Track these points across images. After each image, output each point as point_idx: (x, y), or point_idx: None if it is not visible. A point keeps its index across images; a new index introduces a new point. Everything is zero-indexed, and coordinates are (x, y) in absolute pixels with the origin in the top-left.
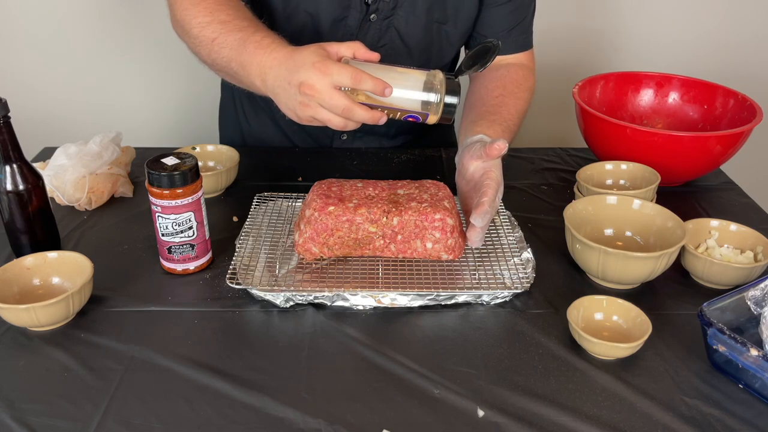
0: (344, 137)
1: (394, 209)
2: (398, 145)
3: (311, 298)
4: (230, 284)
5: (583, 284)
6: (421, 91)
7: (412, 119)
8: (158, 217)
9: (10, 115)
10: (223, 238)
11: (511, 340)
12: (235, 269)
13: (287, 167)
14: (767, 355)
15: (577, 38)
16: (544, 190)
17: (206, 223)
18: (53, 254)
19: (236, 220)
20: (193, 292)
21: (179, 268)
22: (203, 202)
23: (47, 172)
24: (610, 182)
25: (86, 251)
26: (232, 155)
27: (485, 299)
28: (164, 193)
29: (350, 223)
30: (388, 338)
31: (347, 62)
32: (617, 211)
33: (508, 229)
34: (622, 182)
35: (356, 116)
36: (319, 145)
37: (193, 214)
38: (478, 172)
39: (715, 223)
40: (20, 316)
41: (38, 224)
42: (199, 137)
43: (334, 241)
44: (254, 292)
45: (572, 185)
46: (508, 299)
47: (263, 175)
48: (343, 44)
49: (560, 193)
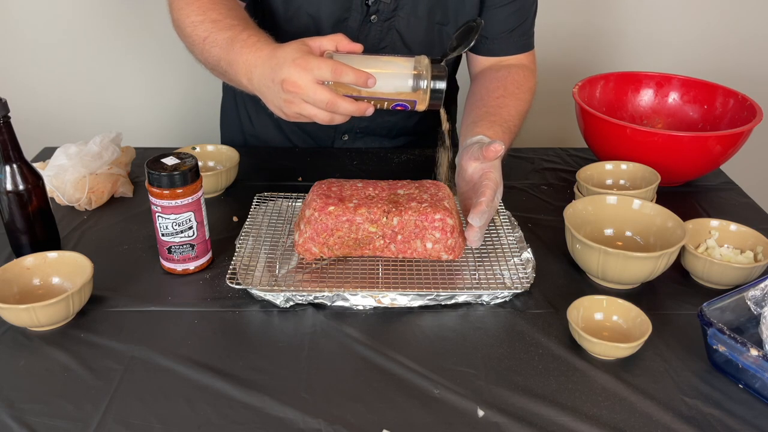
0: (345, 137)
1: (394, 209)
2: (399, 145)
3: (311, 298)
4: (230, 284)
5: (583, 284)
6: (406, 78)
7: (400, 107)
8: (158, 217)
9: (10, 115)
10: (223, 238)
11: (511, 340)
12: (235, 269)
13: (287, 167)
14: (767, 355)
15: (577, 38)
16: (544, 190)
17: (206, 223)
18: (53, 254)
19: (236, 220)
20: (193, 292)
21: (179, 268)
22: (203, 202)
23: (47, 172)
24: (610, 182)
25: (86, 251)
26: (232, 155)
27: (485, 299)
28: (164, 193)
29: (350, 223)
30: (388, 338)
31: (330, 56)
32: (617, 211)
33: (508, 229)
34: (622, 182)
35: (341, 109)
36: (319, 145)
37: (193, 214)
38: (477, 173)
39: (715, 223)
40: (20, 316)
41: (38, 224)
42: (199, 137)
43: (334, 241)
44: (254, 292)
45: (572, 185)
46: (508, 299)
47: (263, 175)
48: (325, 38)
49: (560, 193)
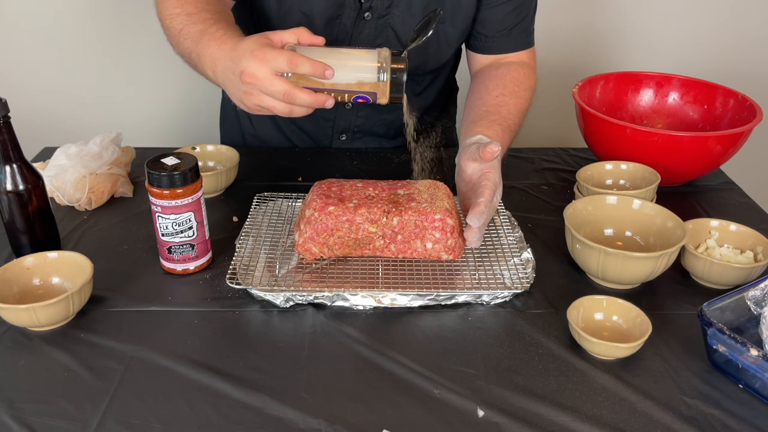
0: (343, 137)
1: (394, 209)
2: (398, 145)
3: (311, 298)
4: (230, 284)
5: (583, 284)
6: (365, 70)
7: (362, 100)
8: (158, 217)
9: (10, 115)
10: (223, 238)
11: (511, 340)
12: (235, 269)
13: (287, 167)
14: (767, 355)
15: (577, 38)
16: (544, 190)
17: (206, 223)
18: (53, 254)
19: (236, 220)
20: (193, 292)
21: (179, 268)
22: (203, 202)
23: (47, 172)
24: (610, 182)
25: (86, 251)
26: (232, 155)
27: (485, 299)
28: (164, 193)
29: (350, 223)
30: (388, 338)
31: (292, 48)
32: (617, 211)
33: (508, 229)
34: (622, 182)
35: (298, 100)
36: (318, 145)
37: (193, 214)
38: (476, 173)
39: (715, 223)
40: (20, 316)
41: (38, 224)
42: (199, 137)
43: (334, 241)
44: (254, 292)
45: (572, 185)
46: (508, 299)
47: (263, 175)
48: (287, 31)
49: (560, 193)
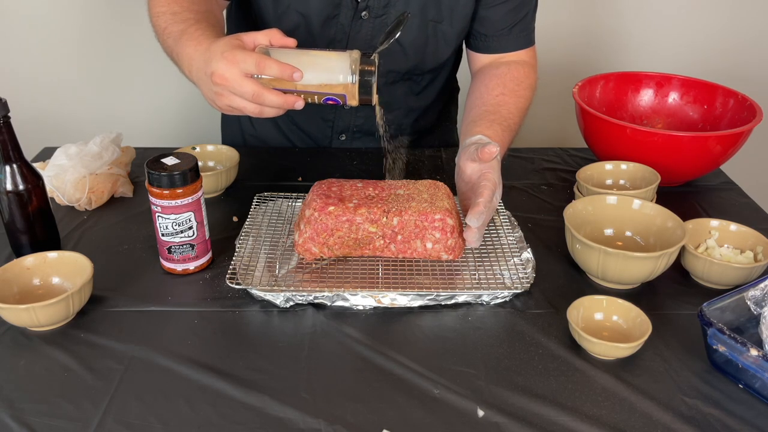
0: (343, 137)
1: (394, 209)
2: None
3: (311, 298)
4: (230, 284)
5: (583, 284)
6: (334, 72)
7: (332, 102)
8: (158, 217)
9: (10, 115)
10: (223, 238)
11: (511, 340)
12: (235, 269)
13: (287, 167)
14: (767, 355)
15: (577, 38)
16: (544, 190)
17: (206, 223)
18: (53, 254)
19: (236, 220)
20: (193, 292)
21: (179, 268)
22: (203, 202)
23: (47, 172)
24: (610, 182)
25: (86, 251)
26: (232, 155)
27: (485, 299)
28: (164, 193)
29: (350, 223)
30: (388, 338)
31: (265, 50)
32: (617, 211)
33: (508, 229)
34: (622, 182)
35: (267, 101)
36: (318, 145)
37: (193, 214)
38: (475, 173)
39: (715, 223)
40: (20, 316)
41: (38, 224)
42: (199, 137)
43: (334, 241)
44: (254, 292)
45: (572, 185)
46: (508, 299)
47: (263, 175)
48: (259, 33)
49: (560, 193)
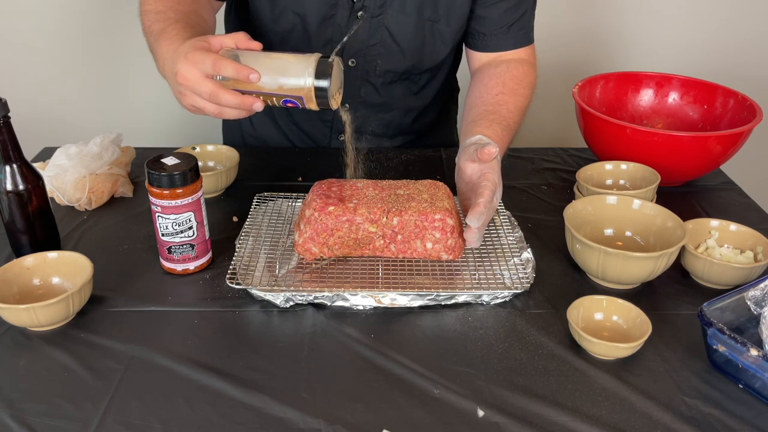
0: (342, 137)
1: (394, 209)
2: (397, 145)
3: (311, 298)
4: (230, 284)
5: (583, 284)
6: (291, 76)
7: (291, 104)
8: (158, 217)
9: (10, 115)
10: (223, 238)
11: (511, 340)
12: (235, 269)
13: (287, 167)
14: (767, 355)
15: (577, 38)
16: (544, 190)
17: (206, 223)
18: (53, 254)
19: (236, 220)
20: (193, 292)
21: (179, 268)
22: (203, 202)
23: (47, 172)
24: (610, 182)
25: (86, 251)
26: (232, 155)
27: (485, 299)
28: (164, 193)
29: (350, 223)
30: (388, 338)
31: (231, 52)
32: (617, 211)
33: (508, 229)
34: (622, 182)
35: (223, 101)
36: (317, 145)
37: (193, 214)
38: (475, 174)
39: (715, 223)
40: (20, 316)
41: (38, 224)
42: (199, 137)
43: (334, 241)
44: (254, 292)
45: (572, 185)
46: (508, 299)
47: (263, 175)
48: (226, 36)
49: (560, 193)
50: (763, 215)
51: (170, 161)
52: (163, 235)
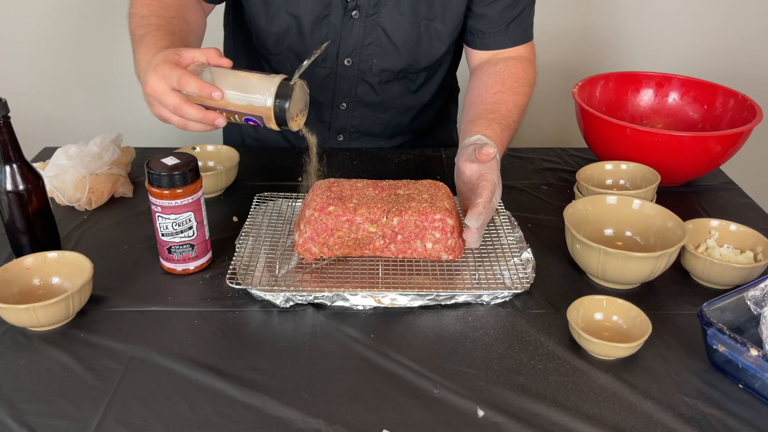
0: (340, 138)
1: (394, 209)
2: (396, 145)
3: (311, 298)
4: (230, 284)
5: (583, 284)
6: (253, 95)
7: (252, 123)
8: (158, 217)
9: (10, 115)
10: (223, 238)
11: (511, 340)
12: (235, 269)
13: (287, 167)
14: (767, 355)
15: (577, 38)
16: (544, 190)
17: (206, 223)
18: (53, 254)
19: (236, 220)
20: (193, 292)
21: (179, 268)
22: (203, 202)
23: (47, 172)
24: (610, 182)
25: (86, 251)
26: (232, 155)
27: (485, 299)
28: (164, 193)
29: (350, 223)
30: (388, 338)
31: (199, 68)
32: (617, 211)
33: (508, 229)
34: (622, 182)
35: (187, 114)
36: (317, 146)
37: (193, 214)
38: (474, 174)
39: (715, 223)
40: (20, 316)
41: (38, 224)
42: (199, 137)
43: (334, 241)
44: (254, 292)
45: (572, 185)
46: (508, 299)
47: (263, 175)
48: (198, 50)
49: (560, 193)
50: (763, 215)
51: (170, 161)
52: (163, 235)
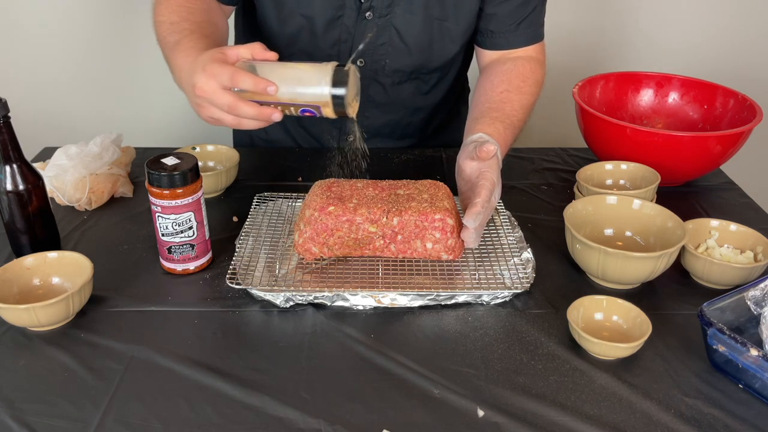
0: (350, 138)
1: (394, 209)
2: (404, 145)
3: (311, 298)
4: (230, 284)
5: (583, 284)
6: (309, 85)
7: (308, 113)
8: (158, 217)
9: (10, 115)
10: (223, 238)
11: (511, 340)
12: (235, 269)
13: (287, 167)
14: (767, 355)
15: (577, 38)
16: (544, 190)
17: (206, 223)
18: (53, 254)
19: (236, 220)
20: (193, 292)
21: (179, 268)
22: (203, 202)
23: (47, 172)
24: (610, 182)
25: (86, 251)
26: (232, 155)
27: (485, 299)
28: (164, 193)
29: (350, 223)
30: (388, 338)
31: (247, 63)
32: (617, 211)
33: (508, 229)
34: (622, 182)
35: (242, 112)
36: (324, 146)
37: (193, 214)
38: (474, 172)
39: (715, 223)
40: (20, 316)
41: (38, 224)
42: (199, 137)
43: (334, 241)
44: (254, 292)
45: (572, 185)
46: (508, 299)
47: (263, 175)
48: (242, 46)
49: (560, 193)
50: (763, 215)
51: (170, 161)
52: (163, 235)
